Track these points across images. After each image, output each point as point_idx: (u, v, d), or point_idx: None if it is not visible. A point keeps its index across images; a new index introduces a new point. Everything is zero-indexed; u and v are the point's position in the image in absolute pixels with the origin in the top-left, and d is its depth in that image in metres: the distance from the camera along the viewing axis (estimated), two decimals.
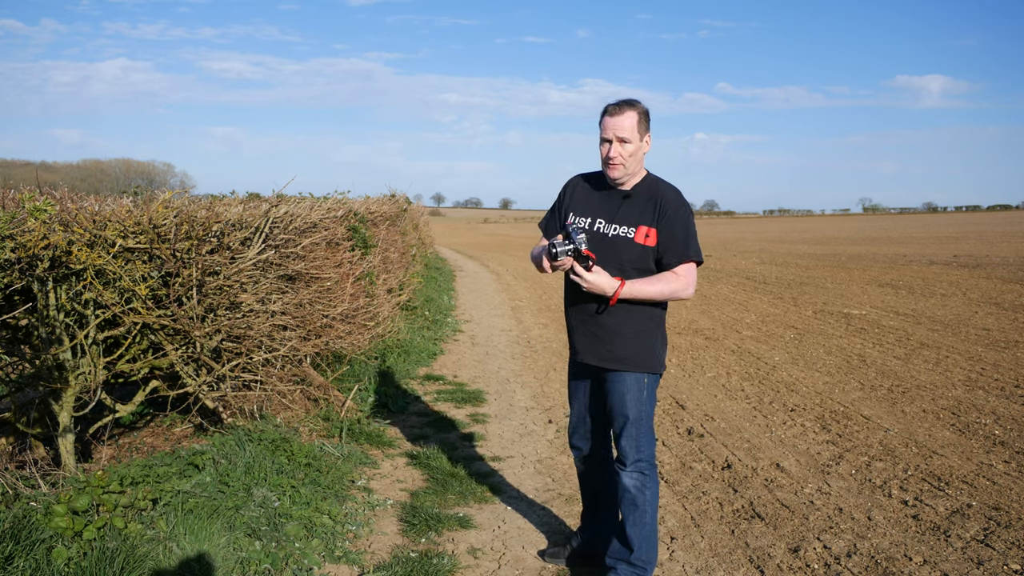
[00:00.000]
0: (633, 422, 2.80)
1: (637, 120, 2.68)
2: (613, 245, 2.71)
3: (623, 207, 2.74)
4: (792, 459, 4.43)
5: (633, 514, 2.84)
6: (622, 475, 2.84)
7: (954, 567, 3.09)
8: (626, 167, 2.70)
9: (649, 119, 2.74)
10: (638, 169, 2.76)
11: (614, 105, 2.69)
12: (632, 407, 2.80)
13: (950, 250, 22.40)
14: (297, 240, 4.65)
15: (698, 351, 7.80)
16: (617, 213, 2.74)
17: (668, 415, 5.47)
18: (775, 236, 39.73)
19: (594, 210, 2.79)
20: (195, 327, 3.66)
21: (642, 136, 2.70)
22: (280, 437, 4.04)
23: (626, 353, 2.77)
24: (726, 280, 15.07)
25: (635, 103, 2.70)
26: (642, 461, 2.82)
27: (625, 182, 2.76)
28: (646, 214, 2.70)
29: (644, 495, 2.82)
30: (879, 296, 11.82)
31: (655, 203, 2.70)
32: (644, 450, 2.82)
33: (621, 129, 2.65)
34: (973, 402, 5.56)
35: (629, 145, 2.67)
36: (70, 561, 2.61)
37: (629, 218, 2.72)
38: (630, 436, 2.81)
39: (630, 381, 2.79)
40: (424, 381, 6.54)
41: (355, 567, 3.12)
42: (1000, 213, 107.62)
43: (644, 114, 2.71)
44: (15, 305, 3.27)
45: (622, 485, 2.84)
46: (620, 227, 2.72)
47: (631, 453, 2.81)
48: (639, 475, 2.82)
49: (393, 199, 12.06)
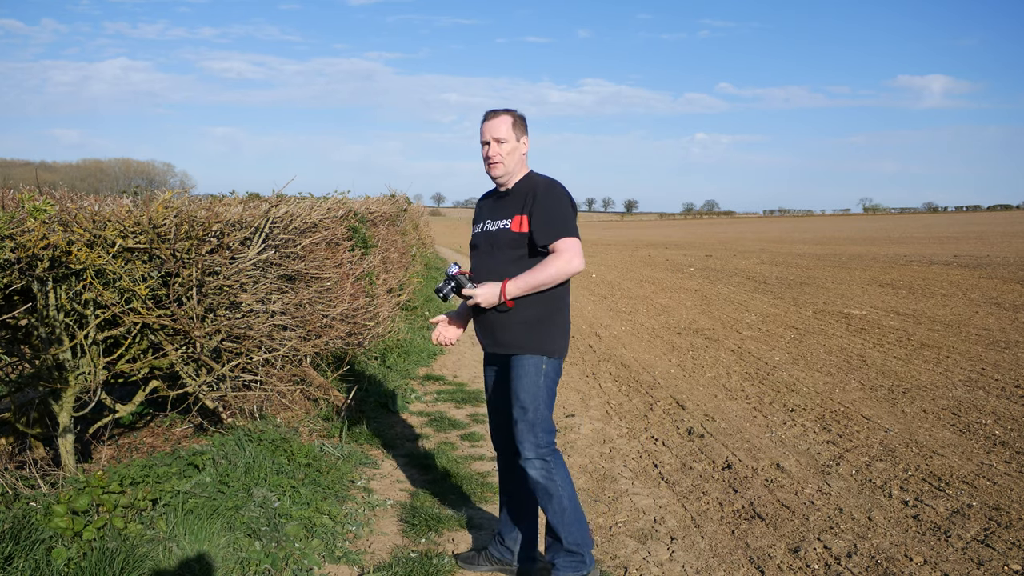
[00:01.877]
0: (526, 406, 2.81)
1: (511, 123, 2.91)
2: (495, 237, 2.93)
3: (503, 203, 2.96)
4: (792, 459, 4.43)
5: (550, 504, 2.84)
6: (526, 467, 2.83)
7: (954, 567, 3.09)
8: (505, 165, 2.90)
9: (525, 124, 2.99)
10: (518, 168, 2.96)
11: (491, 112, 2.94)
12: (528, 392, 2.82)
13: (951, 250, 22.40)
14: (297, 240, 4.65)
15: (698, 351, 7.80)
16: (499, 210, 2.96)
17: (668, 415, 5.47)
18: (775, 236, 39.73)
19: (484, 214, 3.05)
20: (195, 327, 3.66)
21: (518, 137, 2.93)
22: (280, 437, 4.04)
23: (523, 339, 2.86)
24: (726, 280, 15.07)
25: (511, 111, 2.95)
26: (543, 448, 2.82)
27: (507, 181, 2.96)
28: (519, 205, 2.89)
29: (554, 481, 2.82)
30: (879, 296, 11.81)
31: (528, 194, 2.89)
32: (542, 437, 2.82)
33: (496, 131, 2.89)
34: (973, 402, 5.55)
35: (505, 144, 2.89)
36: (70, 561, 2.61)
37: (506, 211, 2.92)
38: (528, 423, 2.81)
39: (527, 365, 2.85)
40: (424, 381, 6.53)
41: (355, 567, 3.11)
42: (1001, 213, 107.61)
43: (520, 119, 2.96)
44: (15, 305, 3.26)
45: (530, 479, 2.84)
46: (500, 221, 2.92)
47: (528, 438, 2.81)
48: (542, 463, 2.82)
49: (393, 199, 12.07)
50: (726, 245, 29.39)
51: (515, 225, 2.87)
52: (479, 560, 3.15)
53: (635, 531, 3.54)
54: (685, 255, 23.44)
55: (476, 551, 3.23)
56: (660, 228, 68.88)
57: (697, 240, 36.08)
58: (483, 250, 2.97)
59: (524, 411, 2.82)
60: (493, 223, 2.95)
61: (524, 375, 2.84)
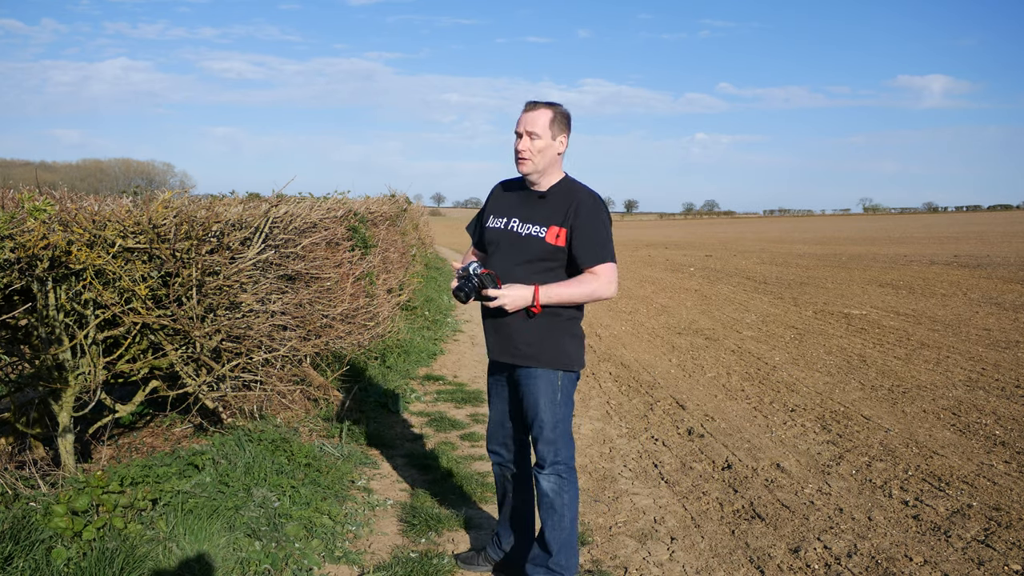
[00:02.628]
0: (549, 426, 2.75)
1: (551, 119, 2.70)
2: (525, 243, 2.73)
3: (538, 207, 2.75)
4: (792, 459, 4.43)
5: (551, 518, 2.79)
6: (539, 478, 2.79)
7: (954, 567, 3.09)
8: (534, 163, 2.70)
9: (568, 123, 2.76)
10: (550, 169, 2.76)
11: (531, 103, 2.73)
12: (547, 411, 2.74)
13: (951, 250, 22.39)
14: (297, 240, 4.65)
15: (698, 351, 7.80)
16: (532, 212, 2.75)
17: (668, 415, 5.47)
18: (775, 236, 39.73)
19: (510, 210, 2.81)
20: (195, 327, 3.66)
21: (555, 135, 2.71)
22: (280, 437, 4.04)
23: (535, 349, 2.73)
24: (726, 280, 15.07)
25: (555, 105, 2.73)
26: (560, 464, 2.77)
27: (538, 181, 2.77)
28: (558, 214, 2.70)
29: (562, 499, 2.77)
30: (879, 296, 11.81)
31: (569, 205, 2.70)
32: (562, 453, 2.77)
33: (532, 124, 2.68)
34: (974, 402, 5.55)
35: (539, 141, 2.68)
36: (70, 561, 2.61)
37: (542, 218, 2.72)
38: (547, 441, 2.75)
39: (542, 383, 2.74)
40: (424, 381, 6.53)
41: (355, 567, 3.11)
42: (1001, 213, 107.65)
43: (562, 116, 2.73)
44: (15, 305, 3.26)
45: (540, 488, 2.79)
46: (533, 226, 2.72)
47: (549, 456, 2.77)
48: (556, 478, 2.77)
49: (393, 199, 12.07)
50: (726, 245, 29.38)
51: (551, 237, 2.68)
52: (478, 560, 3.15)
53: (635, 531, 3.54)
54: (685, 255, 23.44)
55: (475, 551, 3.23)
56: (660, 228, 68.87)
57: (697, 240, 36.07)
58: (505, 252, 2.76)
59: (547, 430, 2.75)
60: (524, 226, 2.74)
61: (540, 392, 2.74)
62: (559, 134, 2.72)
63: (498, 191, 2.93)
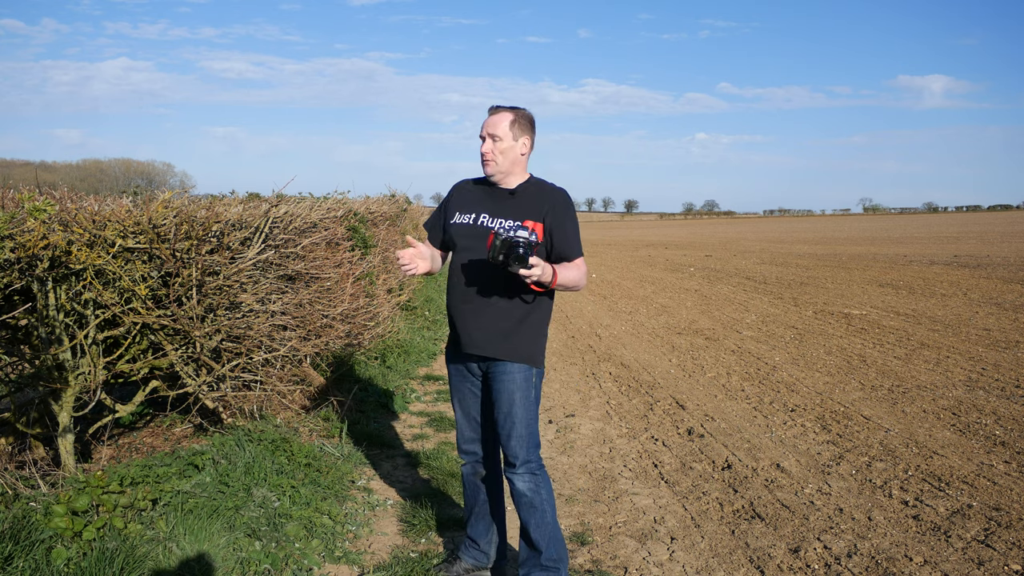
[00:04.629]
0: (523, 423, 2.78)
1: (511, 120, 2.78)
2: None
3: (507, 203, 2.81)
4: (792, 459, 4.43)
5: (533, 517, 2.80)
6: (514, 479, 2.80)
7: (955, 567, 3.09)
8: (498, 163, 2.78)
9: (532, 125, 2.84)
10: (515, 169, 2.82)
11: (494, 107, 2.83)
12: (521, 407, 2.77)
13: (951, 250, 22.40)
14: (297, 240, 4.65)
15: (698, 351, 7.80)
16: (501, 208, 2.80)
17: (668, 415, 5.47)
18: (775, 236, 39.73)
19: (478, 206, 2.85)
20: (195, 327, 3.66)
21: (516, 137, 2.78)
22: (280, 437, 4.04)
23: (513, 342, 2.76)
24: (726, 280, 15.07)
25: (517, 108, 2.82)
26: (531, 462, 2.80)
27: (503, 180, 2.82)
28: (533, 211, 2.76)
29: (540, 495, 2.80)
30: (879, 296, 11.81)
31: (545, 202, 2.77)
32: (533, 451, 2.81)
33: (494, 127, 2.77)
34: (973, 402, 5.55)
35: (501, 143, 2.76)
36: (70, 561, 2.61)
37: (515, 213, 2.77)
38: (519, 437, 2.78)
39: (519, 379, 2.77)
40: (424, 381, 6.53)
41: (355, 567, 3.11)
42: (1001, 213, 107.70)
43: (523, 118, 2.81)
44: (15, 305, 3.26)
45: (515, 489, 2.81)
46: (505, 221, 2.76)
47: (521, 454, 2.78)
48: (531, 476, 2.80)
49: (393, 199, 12.06)
50: (726, 245, 29.39)
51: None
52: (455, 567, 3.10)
53: (635, 531, 3.54)
54: (685, 255, 23.44)
55: (448, 562, 3.15)
56: (660, 228, 68.89)
57: (697, 240, 36.08)
58: (476, 248, 2.75)
59: (516, 425, 2.78)
60: (493, 220, 2.77)
61: (516, 387, 2.77)
62: (521, 136, 2.80)
63: (461, 188, 2.96)
